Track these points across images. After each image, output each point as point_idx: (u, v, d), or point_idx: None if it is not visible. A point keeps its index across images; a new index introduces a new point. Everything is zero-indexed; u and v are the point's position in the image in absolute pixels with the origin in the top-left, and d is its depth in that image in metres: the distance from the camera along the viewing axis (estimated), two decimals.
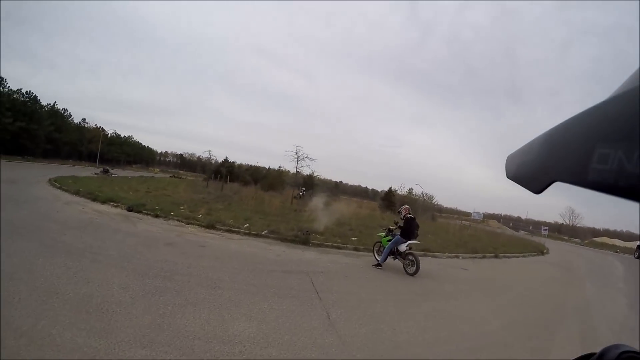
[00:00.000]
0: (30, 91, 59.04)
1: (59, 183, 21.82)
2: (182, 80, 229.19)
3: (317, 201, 32.29)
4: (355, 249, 13.14)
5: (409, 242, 10.49)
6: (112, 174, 41.98)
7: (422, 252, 14.05)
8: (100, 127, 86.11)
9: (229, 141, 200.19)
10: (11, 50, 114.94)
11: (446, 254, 15.55)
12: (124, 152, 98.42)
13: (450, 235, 25.34)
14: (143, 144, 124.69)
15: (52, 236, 8.67)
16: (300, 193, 39.55)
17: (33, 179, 23.59)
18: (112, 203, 16.07)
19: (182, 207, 16.98)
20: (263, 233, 13.17)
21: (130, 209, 14.87)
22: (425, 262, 11.63)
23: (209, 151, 47.42)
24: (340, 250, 12.64)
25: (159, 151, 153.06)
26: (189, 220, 13.86)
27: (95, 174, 40.17)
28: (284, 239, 12.77)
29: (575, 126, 0.39)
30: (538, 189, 0.44)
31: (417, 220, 11.25)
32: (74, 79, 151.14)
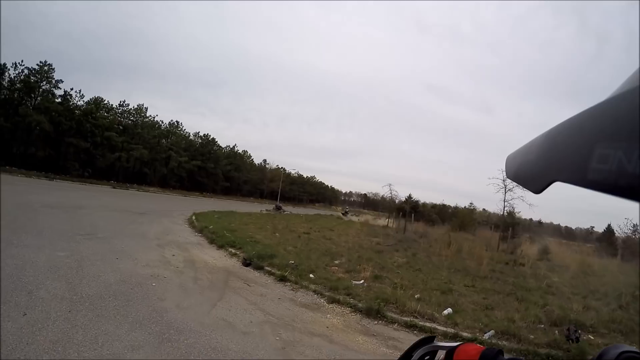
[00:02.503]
0: (207, 134, 67.95)
1: (197, 217, 19.07)
2: (362, 123, 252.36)
3: (532, 247, 26.20)
4: None
5: None
6: (283, 211, 41.70)
7: None
8: (281, 167, 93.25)
9: (412, 180, 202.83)
10: (210, 109, 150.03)
11: None
12: (306, 191, 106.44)
13: None
14: (327, 184, 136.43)
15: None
16: (344, 211, 42.38)
17: (173, 212, 21.88)
18: (231, 249, 11.25)
19: (336, 262, 11.07)
20: (485, 337, 6.12)
21: (247, 263, 9.68)
22: None
23: (389, 185, 42.27)
24: None
25: (344, 191, 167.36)
26: (335, 293, 7.72)
27: (266, 210, 39.98)
28: (531, 354, 5.60)
29: (575, 126, 0.40)
30: (538, 189, 0.46)
31: None
32: (264, 130, 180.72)
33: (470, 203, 56.03)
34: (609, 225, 44.06)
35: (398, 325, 6.51)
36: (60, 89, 44.30)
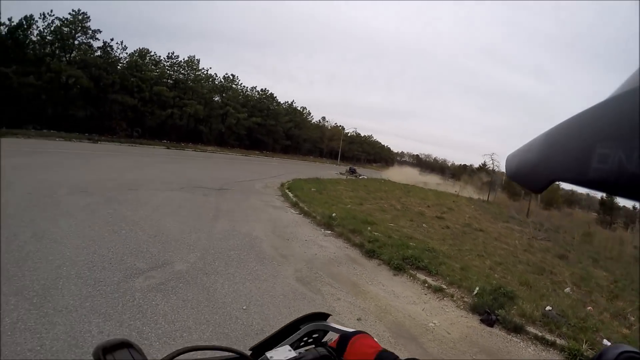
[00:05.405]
0: (265, 89, 62.29)
1: (294, 193, 14.03)
2: (412, 84, 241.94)
3: None
4: None
5: None
6: (359, 175, 38.05)
7: None
8: (340, 125, 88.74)
9: (464, 144, 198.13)
10: (255, 68, 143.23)
11: None
12: (364, 150, 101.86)
13: None
14: (383, 143, 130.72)
15: None
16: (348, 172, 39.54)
17: (255, 182, 16.97)
18: (422, 275, 6.30)
19: (567, 290, 6.20)
20: None
21: (491, 319, 5.10)
22: None
23: (492, 155, 38.75)
24: None
25: (395, 151, 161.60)
26: None
27: (341, 173, 36.51)
28: None
29: (575, 126, 0.41)
30: (538, 189, 0.46)
31: None
32: (310, 88, 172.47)
33: None
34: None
35: None
36: (99, 40, 38.81)
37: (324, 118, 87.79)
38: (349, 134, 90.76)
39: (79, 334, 3.21)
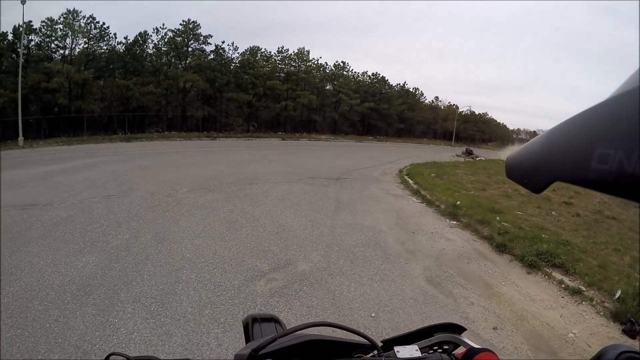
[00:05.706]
0: (376, 73, 61.60)
1: (413, 179, 13.84)
2: (524, 55, 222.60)
3: None
4: None
5: None
6: (476, 157, 36.58)
7: None
8: (454, 105, 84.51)
9: None
10: (364, 54, 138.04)
11: None
12: (479, 129, 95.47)
13: None
14: (498, 121, 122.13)
15: None
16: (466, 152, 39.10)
17: (372, 169, 16.91)
18: (557, 272, 5.63)
19: None
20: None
21: (634, 328, 4.31)
22: None
23: None
24: None
25: (511, 128, 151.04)
26: None
27: (457, 155, 35.77)
28: None
29: (575, 126, 0.41)
30: (538, 188, 0.46)
31: None
32: (421, 67, 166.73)
33: None
34: None
35: None
36: (211, 44, 42.42)
37: (437, 98, 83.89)
38: (462, 113, 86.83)
39: (195, 347, 3.09)
